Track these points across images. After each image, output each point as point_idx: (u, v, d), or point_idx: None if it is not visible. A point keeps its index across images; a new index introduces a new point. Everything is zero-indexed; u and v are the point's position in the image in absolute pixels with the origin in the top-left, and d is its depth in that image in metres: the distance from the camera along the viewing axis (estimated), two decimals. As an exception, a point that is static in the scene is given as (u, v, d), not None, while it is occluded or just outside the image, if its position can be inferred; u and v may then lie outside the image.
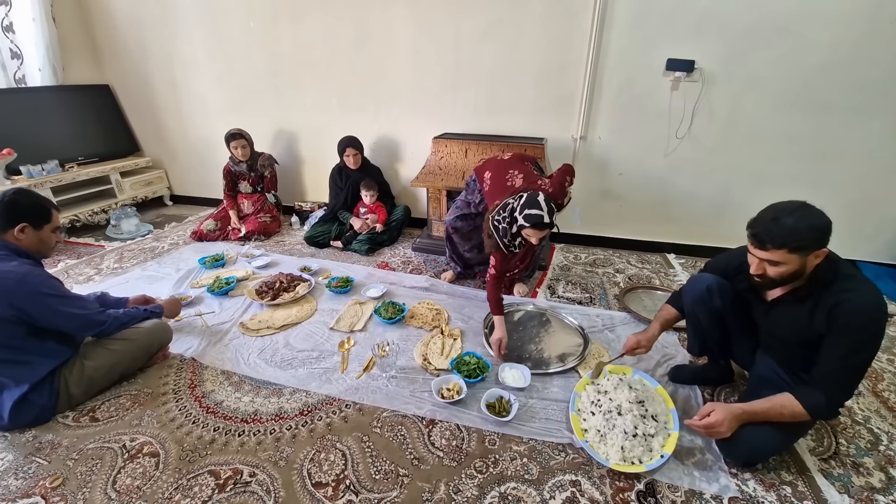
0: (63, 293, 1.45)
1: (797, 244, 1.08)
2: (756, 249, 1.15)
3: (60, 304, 1.41)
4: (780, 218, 1.10)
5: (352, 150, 2.84)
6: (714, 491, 1.23)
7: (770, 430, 1.21)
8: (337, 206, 2.98)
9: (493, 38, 2.62)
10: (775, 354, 1.36)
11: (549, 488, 1.24)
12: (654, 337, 1.51)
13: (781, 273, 1.14)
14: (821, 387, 1.14)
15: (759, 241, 1.13)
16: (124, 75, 3.53)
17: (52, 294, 1.40)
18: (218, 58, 3.21)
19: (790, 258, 1.10)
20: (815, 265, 1.14)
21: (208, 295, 2.24)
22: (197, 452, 1.35)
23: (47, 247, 1.52)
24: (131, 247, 2.94)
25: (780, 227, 1.09)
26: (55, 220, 1.50)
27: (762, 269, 1.17)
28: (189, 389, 1.62)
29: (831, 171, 2.39)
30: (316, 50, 2.97)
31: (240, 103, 3.31)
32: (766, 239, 1.11)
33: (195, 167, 3.68)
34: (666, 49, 2.37)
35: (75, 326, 1.47)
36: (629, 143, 2.63)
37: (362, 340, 1.90)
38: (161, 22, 3.21)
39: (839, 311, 1.10)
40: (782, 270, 1.13)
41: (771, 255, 1.12)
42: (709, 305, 1.42)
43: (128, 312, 1.63)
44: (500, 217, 1.77)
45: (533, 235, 1.70)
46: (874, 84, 2.18)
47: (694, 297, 1.45)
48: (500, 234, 1.78)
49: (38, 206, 1.46)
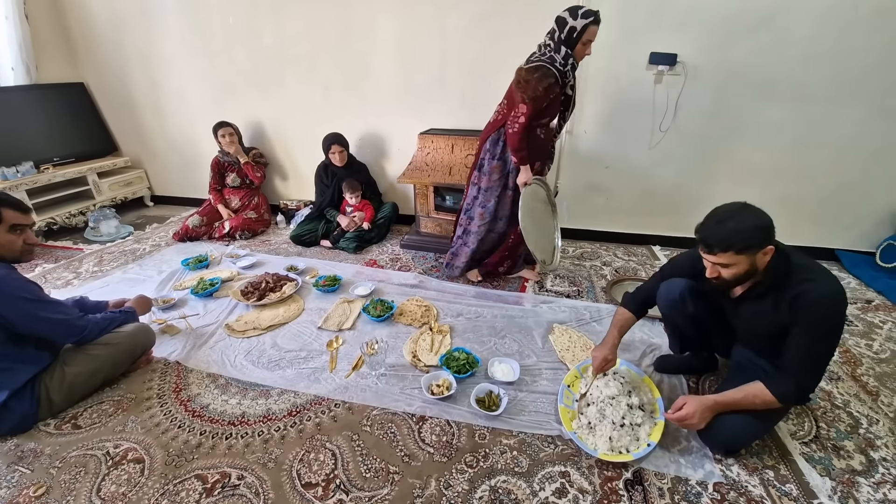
0: (41, 298, 1.41)
1: (742, 245, 1.11)
2: (706, 255, 1.18)
3: (39, 308, 1.37)
4: (724, 221, 1.13)
5: (337, 146, 2.81)
6: (699, 477, 1.26)
7: (746, 418, 1.24)
8: (324, 203, 2.94)
9: (479, 32, 2.60)
10: (751, 346, 1.39)
11: (539, 480, 1.25)
12: (616, 345, 1.47)
13: (735, 274, 1.17)
14: (789, 374, 1.17)
15: (707, 245, 1.16)
16: (100, 73, 3.43)
17: (30, 299, 1.36)
18: (198, 54, 3.13)
19: (739, 259, 1.13)
20: (767, 261, 1.16)
21: (192, 297, 2.20)
22: (183, 457, 1.33)
23: (9, 249, 1.39)
24: (111, 249, 2.88)
25: (724, 230, 1.12)
26: (8, 218, 1.37)
27: (717, 273, 1.19)
28: (174, 393, 1.59)
29: (812, 161, 2.43)
30: (298, 45, 2.92)
31: (221, 100, 3.24)
32: (713, 243, 1.14)
33: (176, 166, 3.60)
34: (649, 43, 2.39)
35: (56, 333, 1.44)
36: (615, 136, 2.65)
37: (351, 339, 1.89)
38: (138, 17, 3.12)
39: (801, 302, 1.14)
40: (735, 271, 1.16)
41: (720, 259, 1.15)
42: (682, 311, 1.45)
43: (106, 317, 1.59)
44: (537, 56, 1.86)
45: (593, 37, 1.80)
46: (854, 75, 2.22)
47: (667, 304, 1.48)
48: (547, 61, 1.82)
49: None
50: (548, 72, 1.82)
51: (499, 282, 2.40)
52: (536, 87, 1.82)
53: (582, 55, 1.88)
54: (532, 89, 1.82)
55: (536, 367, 1.70)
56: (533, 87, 1.82)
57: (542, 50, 1.89)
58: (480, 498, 1.20)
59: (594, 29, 1.80)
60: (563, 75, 1.88)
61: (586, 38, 1.81)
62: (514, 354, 1.78)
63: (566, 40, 1.82)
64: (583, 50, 1.86)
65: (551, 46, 1.86)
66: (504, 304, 2.15)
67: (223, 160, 3.06)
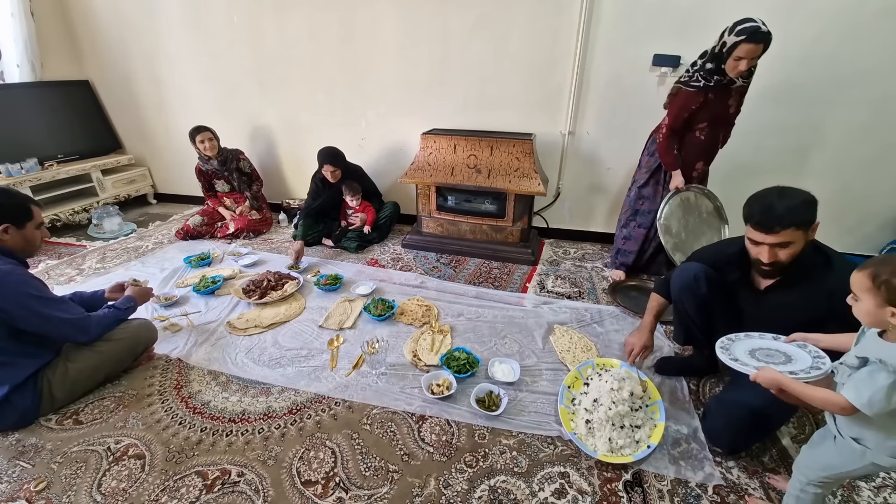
0: (47, 295, 1.41)
1: (802, 219, 1.13)
2: (765, 236, 1.17)
3: (43, 306, 1.37)
4: (775, 201, 1.15)
5: (329, 167, 2.75)
6: (699, 479, 1.25)
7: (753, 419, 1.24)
8: (310, 208, 2.89)
9: (481, 33, 2.61)
10: None
11: (539, 480, 1.25)
12: (652, 330, 1.54)
13: (792, 253, 1.17)
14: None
15: (765, 227, 1.16)
16: (104, 71, 3.44)
17: (35, 295, 1.36)
18: (201, 53, 3.14)
19: (797, 235, 1.14)
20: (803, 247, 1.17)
21: (194, 294, 2.21)
22: (184, 453, 1.34)
23: (33, 245, 1.49)
24: (114, 246, 2.89)
25: (781, 208, 1.13)
26: (37, 217, 1.46)
27: (774, 256, 1.18)
28: (175, 390, 1.60)
29: (814, 163, 2.43)
30: (301, 45, 2.93)
31: (224, 99, 3.26)
32: (774, 222, 1.14)
33: (179, 165, 3.61)
34: (652, 44, 2.38)
35: (58, 332, 1.43)
36: (617, 137, 2.65)
37: (352, 338, 1.89)
38: (142, 16, 3.13)
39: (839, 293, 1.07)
40: (792, 251, 1.16)
41: (781, 237, 1.15)
42: (694, 293, 1.44)
43: (108, 314, 1.58)
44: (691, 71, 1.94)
45: (745, 55, 1.74)
46: (856, 78, 2.22)
47: (681, 285, 1.47)
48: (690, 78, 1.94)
49: (19, 205, 1.42)
50: (680, 91, 2.00)
51: (499, 282, 2.40)
52: (672, 108, 2.05)
53: (734, 70, 1.82)
54: (671, 108, 2.05)
55: (537, 368, 1.70)
56: (671, 106, 2.06)
57: (697, 60, 1.95)
58: (479, 497, 1.20)
59: (746, 47, 1.73)
60: (706, 90, 1.92)
61: (737, 55, 1.77)
62: (514, 355, 1.78)
63: (717, 55, 1.85)
64: (734, 66, 1.81)
65: (706, 55, 1.91)
66: (505, 305, 2.15)
67: (205, 168, 2.99)
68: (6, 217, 1.38)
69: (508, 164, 2.56)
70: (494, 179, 2.57)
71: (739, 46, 1.74)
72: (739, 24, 1.75)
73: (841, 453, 0.94)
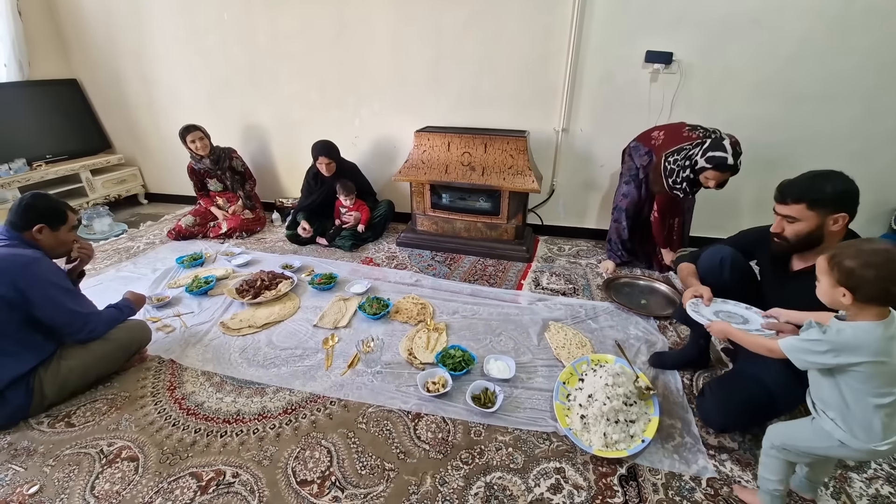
0: (68, 287, 1.49)
1: (814, 198, 1.13)
2: (777, 205, 1.21)
3: (65, 296, 1.44)
4: (808, 176, 1.17)
5: (325, 158, 2.74)
6: (693, 472, 1.27)
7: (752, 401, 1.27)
8: (302, 206, 2.90)
9: (475, 30, 2.60)
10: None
11: (535, 476, 1.26)
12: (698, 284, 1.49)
13: (798, 231, 1.17)
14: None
15: (781, 194, 1.19)
16: (93, 70, 3.40)
17: (60, 286, 1.44)
18: (192, 51, 3.11)
19: (807, 215, 1.14)
20: (836, 235, 1.16)
21: (187, 295, 2.19)
22: (178, 455, 1.33)
23: (65, 247, 1.57)
24: (105, 247, 2.85)
25: (804, 181, 1.16)
26: (71, 220, 1.55)
27: (781, 227, 1.21)
28: (168, 391, 1.59)
29: (804, 159, 2.44)
30: (293, 42, 2.90)
31: (215, 98, 3.23)
32: (787, 192, 1.17)
33: (170, 164, 3.58)
34: (645, 41, 2.39)
35: (71, 325, 1.47)
36: (610, 134, 2.65)
37: (347, 337, 1.89)
38: (131, 13, 3.09)
39: None
40: (798, 229, 1.17)
41: (790, 210, 1.17)
42: (718, 276, 1.43)
43: (111, 313, 1.62)
44: (674, 160, 2.00)
45: (713, 178, 1.86)
46: (845, 73, 2.24)
47: (707, 266, 1.47)
48: (667, 174, 2.03)
49: (54, 209, 1.51)
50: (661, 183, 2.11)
51: (494, 279, 2.41)
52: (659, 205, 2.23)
53: (706, 184, 1.95)
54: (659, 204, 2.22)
55: (532, 365, 1.71)
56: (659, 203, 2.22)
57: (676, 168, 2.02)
58: (476, 494, 1.21)
59: (713, 174, 1.86)
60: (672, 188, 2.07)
61: (706, 176, 1.90)
62: (509, 352, 1.78)
63: (691, 166, 1.95)
64: (705, 181, 1.93)
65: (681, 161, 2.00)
66: (500, 302, 2.15)
67: (198, 167, 2.96)
68: (41, 219, 1.47)
69: (503, 161, 2.56)
70: (489, 177, 2.56)
71: (707, 171, 1.87)
72: (710, 151, 1.85)
73: (814, 431, 0.99)
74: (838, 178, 1.15)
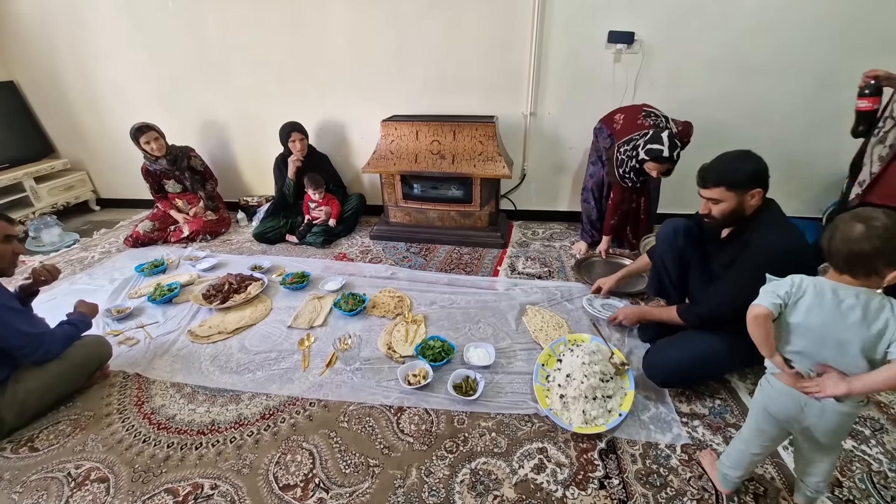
0: (16, 307, 1.39)
1: (731, 180, 1.25)
2: (701, 189, 1.32)
3: (12, 316, 1.35)
4: (722, 160, 1.29)
5: (297, 134, 2.69)
6: (668, 440, 1.32)
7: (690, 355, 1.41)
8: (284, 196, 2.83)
9: (436, 14, 2.54)
10: None
11: (518, 458, 1.28)
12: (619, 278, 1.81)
13: (723, 211, 1.29)
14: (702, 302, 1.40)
15: (702, 180, 1.31)
16: (29, 69, 3.13)
17: (5, 306, 1.34)
18: (137, 46, 2.90)
19: (728, 195, 1.26)
20: (755, 208, 1.29)
21: (149, 304, 2.08)
22: (151, 472, 1.27)
23: (4, 261, 1.43)
24: (56, 259, 2.67)
25: (719, 166, 1.28)
26: (2, 230, 1.41)
27: (708, 209, 1.33)
28: (136, 407, 1.51)
29: (760, 131, 2.54)
30: (246, 31, 2.75)
31: (166, 94, 3.04)
32: (707, 177, 1.29)
33: (121, 166, 3.36)
34: (606, 22, 2.40)
35: (18, 346, 1.37)
36: (577, 116, 2.66)
37: (323, 336, 1.85)
38: (66, 7, 2.84)
39: (748, 247, 1.27)
40: (723, 208, 1.29)
41: (712, 193, 1.29)
42: (672, 245, 1.58)
43: (66, 331, 1.52)
44: (624, 150, 2.07)
45: (654, 169, 1.96)
46: (797, 46, 2.32)
47: (662, 236, 1.63)
48: (617, 164, 2.11)
49: None
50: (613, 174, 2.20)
51: (471, 267, 2.41)
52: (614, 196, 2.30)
53: (651, 173, 2.01)
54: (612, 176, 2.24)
55: (511, 350, 1.72)
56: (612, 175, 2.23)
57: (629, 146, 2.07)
58: (461, 481, 1.22)
59: (653, 165, 1.95)
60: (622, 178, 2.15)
61: (648, 167, 1.98)
62: (488, 338, 1.79)
63: (635, 156, 2.02)
64: (649, 170, 2.00)
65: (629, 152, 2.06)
66: (477, 290, 2.16)
67: (153, 168, 2.80)
68: None
69: (472, 148, 2.53)
70: (459, 165, 2.54)
71: (647, 162, 1.96)
72: (649, 144, 1.94)
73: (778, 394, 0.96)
74: (749, 159, 1.26)
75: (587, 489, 1.19)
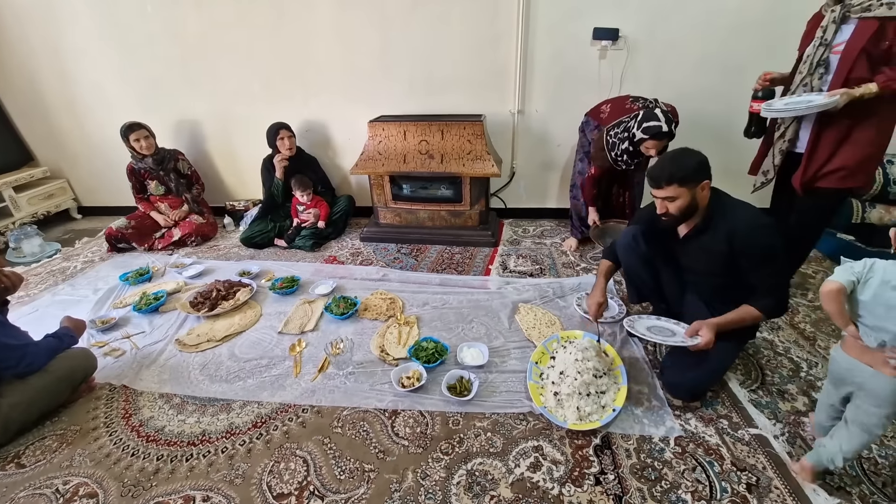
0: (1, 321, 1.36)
1: (682, 176, 1.30)
2: (655, 190, 1.37)
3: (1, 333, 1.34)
4: (668, 160, 1.35)
5: (286, 132, 2.68)
6: (662, 434, 1.33)
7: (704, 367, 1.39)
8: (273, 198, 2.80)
9: (422, 14, 2.52)
10: (697, 289, 1.54)
11: (514, 457, 1.28)
12: (604, 290, 1.69)
13: (680, 206, 1.34)
14: (764, 293, 1.34)
15: (654, 180, 1.35)
16: (4, 74, 3.03)
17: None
18: (116, 48, 2.84)
19: (682, 192, 1.32)
20: (707, 199, 1.36)
21: (135, 314, 2.04)
22: (140, 486, 1.24)
23: None
24: (37, 270, 2.60)
25: (667, 165, 1.33)
26: None
27: (665, 208, 1.37)
28: (123, 420, 1.48)
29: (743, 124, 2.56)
30: (229, 32, 2.71)
31: (146, 97, 2.97)
32: (659, 177, 1.33)
33: (102, 173, 3.28)
34: (591, 18, 2.41)
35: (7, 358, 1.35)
36: (564, 113, 2.67)
37: (315, 341, 1.82)
38: (41, 9, 2.77)
39: (740, 236, 1.30)
40: (680, 204, 1.34)
41: (666, 192, 1.33)
42: (636, 251, 1.60)
43: (49, 344, 1.48)
44: (614, 133, 2.08)
45: (653, 147, 1.94)
46: (782, 43, 2.33)
47: (624, 247, 1.63)
48: (609, 148, 2.12)
49: None
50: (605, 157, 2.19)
51: (462, 267, 2.40)
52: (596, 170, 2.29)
53: (647, 153, 2.01)
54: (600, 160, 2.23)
55: (504, 348, 1.72)
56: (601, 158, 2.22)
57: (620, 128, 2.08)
58: (458, 483, 1.21)
59: (652, 143, 1.94)
60: (615, 161, 2.15)
61: (646, 146, 1.98)
62: (482, 338, 1.79)
63: (629, 138, 2.03)
64: (646, 150, 2.00)
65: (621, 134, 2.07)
66: (469, 289, 2.15)
67: (138, 167, 2.76)
68: None
69: (461, 147, 2.53)
70: (448, 164, 2.53)
71: (646, 141, 1.96)
72: (645, 122, 1.94)
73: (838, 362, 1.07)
74: (691, 154, 1.33)
75: (583, 486, 1.19)
